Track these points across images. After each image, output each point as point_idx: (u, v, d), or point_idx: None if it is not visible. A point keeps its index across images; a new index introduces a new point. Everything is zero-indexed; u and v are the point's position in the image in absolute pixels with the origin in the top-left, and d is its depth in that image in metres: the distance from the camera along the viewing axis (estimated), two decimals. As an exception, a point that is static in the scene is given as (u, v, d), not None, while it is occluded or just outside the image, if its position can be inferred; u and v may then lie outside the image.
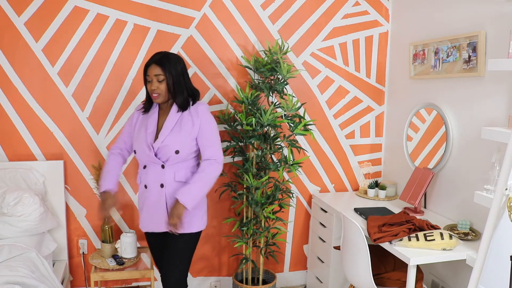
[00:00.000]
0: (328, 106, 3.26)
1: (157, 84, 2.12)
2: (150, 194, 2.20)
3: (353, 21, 3.21)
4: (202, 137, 2.19)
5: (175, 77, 2.13)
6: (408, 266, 2.08)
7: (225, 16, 2.98)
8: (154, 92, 2.13)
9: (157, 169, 2.18)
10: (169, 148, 2.14)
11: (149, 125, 2.20)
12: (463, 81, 2.53)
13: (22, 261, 2.18)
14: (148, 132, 2.18)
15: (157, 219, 2.20)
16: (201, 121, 2.18)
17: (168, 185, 2.17)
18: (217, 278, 3.23)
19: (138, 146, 2.21)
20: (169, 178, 2.17)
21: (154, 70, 2.11)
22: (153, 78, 2.12)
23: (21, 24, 2.71)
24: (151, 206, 2.21)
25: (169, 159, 2.15)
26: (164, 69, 2.11)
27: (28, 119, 2.80)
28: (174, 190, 2.16)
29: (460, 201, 2.57)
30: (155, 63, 2.11)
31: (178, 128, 2.16)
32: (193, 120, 2.17)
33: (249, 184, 2.73)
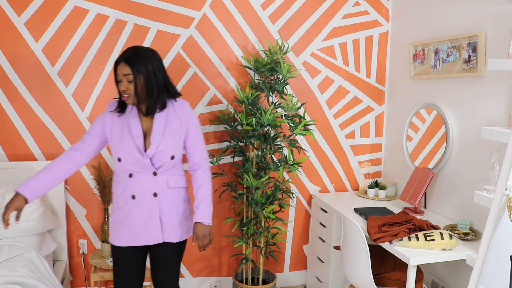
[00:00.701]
0: (328, 106, 3.26)
1: (126, 85, 1.90)
2: (139, 205, 1.98)
3: (353, 21, 3.21)
4: (191, 139, 2.06)
5: (145, 76, 1.90)
6: (408, 266, 2.08)
7: (225, 16, 2.98)
8: (124, 93, 1.91)
9: (148, 177, 1.98)
10: (164, 153, 1.96)
11: (133, 128, 1.96)
12: (463, 81, 2.53)
13: (22, 261, 2.18)
14: (134, 136, 1.95)
15: (148, 231, 2.00)
16: (188, 121, 2.03)
17: (161, 193, 2.00)
18: (217, 278, 3.23)
19: (126, 153, 1.96)
20: (162, 186, 2.00)
21: (123, 69, 1.89)
22: (123, 78, 1.89)
23: (21, 24, 2.71)
24: (141, 218, 1.99)
25: (163, 165, 1.99)
26: (133, 69, 1.88)
27: (28, 119, 2.80)
28: (168, 198, 2.02)
29: (460, 201, 2.57)
30: (124, 62, 1.89)
31: (169, 130, 1.98)
32: (181, 121, 2.01)
33: (249, 184, 2.73)
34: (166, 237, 2.03)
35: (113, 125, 2.01)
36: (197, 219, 2.03)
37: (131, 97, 1.92)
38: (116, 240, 2.03)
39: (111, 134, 2.01)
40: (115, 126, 2.00)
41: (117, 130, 1.99)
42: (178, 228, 2.05)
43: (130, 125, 1.97)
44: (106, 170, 2.89)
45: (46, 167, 1.95)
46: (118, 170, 2.04)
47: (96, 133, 2.04)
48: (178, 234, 2.05)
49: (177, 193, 2.06)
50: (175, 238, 2.04)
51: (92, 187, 2.92)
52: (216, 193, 3.07)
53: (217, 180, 3.09)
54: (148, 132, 2.00)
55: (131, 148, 1.95)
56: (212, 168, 3.08)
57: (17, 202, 1.83)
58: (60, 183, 2.03)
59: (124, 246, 2.03)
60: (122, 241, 2.02)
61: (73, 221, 2.95)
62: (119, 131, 1.98)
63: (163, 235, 2.02)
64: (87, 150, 2.03)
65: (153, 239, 2.02)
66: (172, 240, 2.04)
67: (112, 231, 2.07)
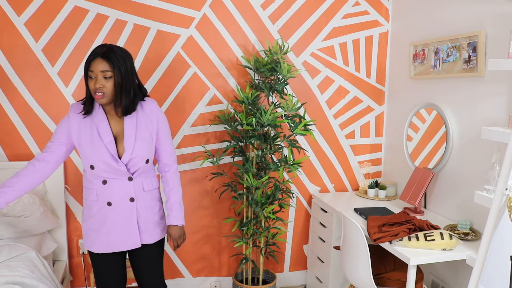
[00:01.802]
0: (328, 106, 3.26)
1: (103, 82, 1.79)
2: (115, 211, 1.93)
3: (353, 21, 3.21)
4: (161, 141, 2.01)
5: (123, 74, 1.82)
6: (408, 266, 2.08)
7: (225, 16, 2.98)
8: (98, 91, 1.79)
9: (124, 183, 1.92)
10: (139, 158, 1.91)
11: (103, 133, 1.87)
12: (463, 81, 2.53)
13: (22, 261, 2.18)
14: (106, 142, 1.87)
15: (125, 236, 1.96)
16: (158, 122, 1.97)
17: (138, 197, 1.96)
18: (217, 278, 3.23)
19: (99, 160, 1.86)
20: (138, 190, 1.96)
21: (100, 65, 1.79)
22: (99, 74, 1.79)
23: (21, 24, 2.71)
24: (118, 224, 1.94)
25: (138, 169, 1.93)
26: (112, 65, 1.79)
27: (28, 119, 2.79)
28: (144, 201, 1.98)
29: (460, 201, 2.57)
30: (101, 57, 1.79)
31: (140, 133, 1.91)
32: (151, 122, 1.95)
33: (249, 184, 2.73)
34: (144, 239, 2.00)
35: (80, 130, 1.89)
36: (171, 221, 2.06)
37: (106, 96, 1.81)
38: (92, 247, 1.99)
39: (79, 141, 1.90)
40: (83, 131, 1.89)
41: (85, 136, 1.88)
42: (155, 228, 2.04)
43: (100, 130, 1.87)
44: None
45: (10, 180, 1.86)
46: (89, 176, 1.95)
47: (62, 141, 1.93)
48: (155, 234, 2.04)
49: (152, 194, 2.04)
50: (153, 239, 2.03)
51: (92, 187, 2.92)
52: (216, 193, 3.07)
53: (217, 180, 3.09)
54: (119, 136, 1.92)
55: (104, 155, 1.86)
56: (212, 168, 3.08)
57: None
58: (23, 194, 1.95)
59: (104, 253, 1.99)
60: (98, 248, 1.97)
61: (73, 221, 2.95)
62: (88, 137, 1.88)
63: (140, 238, 1.99)
64: (53, 160, 1.93)
65: (131, 244, 1.98)
66: (150, 242, 2.02)
67: (86, 238, 2.00)
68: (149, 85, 2.92)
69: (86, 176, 1.97)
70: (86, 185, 1.98)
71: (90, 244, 1.99)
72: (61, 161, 1.98)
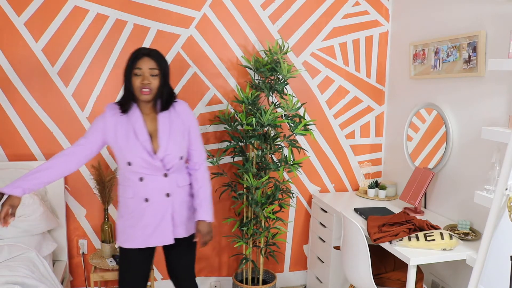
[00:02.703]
0: (328, 106, 3.26)
1: (151, 79, 1.92)
2: (153, 207, 2.00)
3: (353, 21, 3.21)
4: (192, 140, 2.10)
5: (165, 75, 1.98)
6: (408, 266, 2.08)
7: (225, 16, 2.98)
8: (146, 87, 1.91)
9: (159, 179, 2.00)
10: (173, 155, 1.99)
11: (139, 131, 1.96)
12: (463, 81, 2.53)
13: (22, 261, 2.18)
14: (142, 139, 1.95)
15: (160, 231, 2.03)
16: (190, 122, 2.07)
17: (173, 193, 2.03)
18: (217, 278, 3.23)
19: (135, 156, 1.94)
20: (173, 186, 2.04)
21: (148, 63, 1.92)
22: (147, 71, 1.91)
23: (21, 24, 2.71)
24: (154, 219, 2.02)
25: (173, 166, 2.01)
26: (159, 64, 1.94)
27: (28, 119, 2.79)
28: (179, 197, 2.06)
29: (460, 201, 2.57)
30: (149, 56, 1.93)
31: (174, 131, 2.01)
32: (183, 121, 2.05)
33: (249, 184, 2.73)
34: (178, 233, 2.08)
35: (117, 128, 1.97)
36: (201, 217, 2.09)
37: (152, 93, 1.93)
38: (126, 243, 2.04)
39: (115, 138, 1.97)
40: (119, 130, 1.97)
41: (122, 134, 1.96)
42: (189, 222, 2.12)
43: (136, 128, 1.96)
44: (106, 170, 2.89)
45: (40, 168, 1.92)
46: (126, 174, 2.00)
47: (96, 139, 2.00)
48: (189, 228, 2.12)
49: (185, 190, 2.11)
50: (186, 233, 2.11)
51: (92, 187, 2.92)
52: (216, 193, 3.07)
53: (217, 180, 3.09)
54: (154, 134, 2.01)
55: (141, 151, 1.95)
56: (212, 168, 3.08)
57: (10, 199, 1.85)
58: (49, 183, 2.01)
59: (136, 248, 2.04)
60: (134, 244, 2.03)
61: (73, 221, 2.95)
62: (125, 135, 1.96)
63: (175, 232, 2.07)
64: (82, 154, 1.99)
65: (165, 240, 2.05)
66: (184, 235, 2.10)
67: (121, 235, 2.06)
68: (149, 85, 2.92)
69: (122, 173, 2.04)
70: (122, 182, 2.05)
71: (124, 240, 2.05)
72: (89, 158, 2.03)
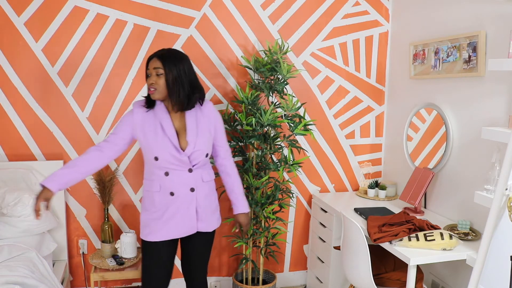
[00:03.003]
0: (328, 106, 3.26)
1: (155, 78, 1.99)
2: (177, 200, 2.07)
3: (353, 21, 3.21)
4: (218, 137, 2.19)
5: (175, 74, 2.00)
6: (408, 266, 2.08)
7: (225, 16, 2.98)
8: (151, 86, 2.00)
9: (185, 174, 2.07)
10: (201, 152, 2.06)
11: (166, 127, 2.03)
12: (463, 81, 2.53)
13: (22, 261, 2.18)
14: (169, 135, 2.02)
15: (184, 224, 2.10)
16: (215, 120, 2.16)
17: (198, 187, 2.10)
18: (217, 278, 3.23)
19: (163, 152, 2.01)
20: (198, 181, 2.10)
21: (154, 63, 2.00)
22: (152, 71, 2.00)
23: (21, 24, 2.71)
24: (179, 212, 2.08)
25: (199, 162, 2.08)
26: (164, 64, 1.99)
27: (28, 119, 2.79)
28: (203, 191, 2.13)
29: (460, 201, 2.57)
30: (156, 57, 2.01)
31: (201, 129, 2.08)
32: (209, 120, 2.13)
33: (249, 184, 2.73)
34: (201, 227, 2.14)
35: (144, 124, 2.05)
36: (240, 210, 2.24)
37: (157, 92, 2.00)
38: (150, 236, 2.09)
39: (143, 134, 2.04)
40: (147, 125, 2.04)
41: (149, 130, 2.03)
42: (212, 217, 2.19)
43: (163, 124, 2.03)
44: (106, 170, 2.89)
45: (71, 164, 2.00)
46: (152, 168, 2.07)
47: (124, 134, 2.07)
48: (211, 223, 2.19)
49: (210, 185, 2.19)
50: (210, 227, 2.18)
51: (92, 187, 2.92)
52: (216, 193, 3.07)
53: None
54: (181, 131, 2.07)
55: (168, 147, 2.01)
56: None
57: (45, 193, 1.91)
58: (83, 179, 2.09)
59: (159, 241, 2.09)
60: (157, 236, 2.08)
61: (73, 221, 2.95)
62: (152, 130, 2.03)
63: (197, 226, 2.13)
64: (113, 150, 2.07)
65: (188, 231, 2.11)
66: (207, 230, 2.17)
67: (145, 228, 2.12)
68: (149, 85, 2.92)
69: (149, 168, 2.10)
70: (148, 177, 2.10)
71: (147, 233, 2.10)
72: (119, 154, 2.10)
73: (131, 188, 3.01)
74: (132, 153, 2.97)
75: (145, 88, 2.91)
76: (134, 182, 3.00)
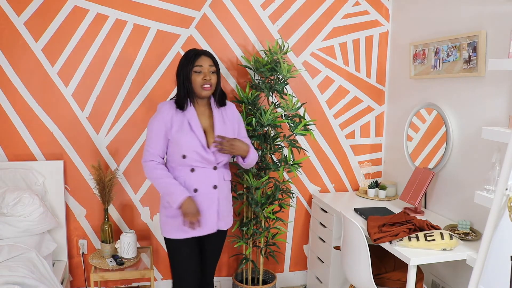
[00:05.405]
0: (328, 106, 3.26)
1: (211, 76, 2.10)
2: (200, 197, 2.12)
3: (353, 21, 3.21)
4: (241, 136, 2.27)
5: (219, 75, 2.17)
6: (408, 266, 2.07)
7: (225, 16, 2.98)
8: (208, 83, 2.08)
9: (209, 172, 2.14)
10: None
11: (195, 126, 2.10)
12: (463, 81, 2.53)
13: (22, 261, 2.18)
14: (198, 134, 2.10)
15: (206, 221, 2.14)
16: (239, 120, 2.27)
17: (220, 185, 2.17)
18: (217, 278, 3.23)
19: (190, 150, 2.08)
20: (220, 179, 2.18)
21: (208, 61, 2.10)
22: (207, 68, 2.09)
23: (21, 24, 2.71)
24: (202, 210, 2.12)
25: (223, 160, 2.17)
26: (215, 63, 2.13)
27: (28, 119, 2.79)
28: (224, 190, 2.21)
29: (460, 201, 2.57)
30: (205, 55, 2.11)
31: (227, 129, 2.18)
32: (233, 119, 2.23)
33: (249, 184, 2.73)
34: (220, 225, 2.21)
35: (173, 123, 2.11)
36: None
37: (212, 88, 2.11)
38: (173, 233, 2.14)
39: (172, 133, 2.11)
40: (175, 125, 2.11)
41: (178, 129, 2.10)
42: (228, 216, 2.27)
43: (192, 123, 2.10)
44: (106, 170, 2.89)
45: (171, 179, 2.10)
46: (178, 165, 2.13)
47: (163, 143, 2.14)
48: (228, 221, 2.26)
49: (228, 185, 2.27)
50: (226, 226, 2.26)
51: (92, 187, 2.91)
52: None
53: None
54: (208, 129, 2.16)
55: (196, 145, 2.08)
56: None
57: (193, 204, 2.06)
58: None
59: (183, 239, 2.14)
60: (181, 234, 2.13)
61: (73, 221, 2.94)
62: (180, 130, 2.10)
63: (218, 224, 2.19)
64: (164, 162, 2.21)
65: (210, 229, 2.17)
66: (224, 228, 2.24)
67: (165, 225, 2.17)
68: (149, 85, 2.92)
69: (173, 166, 2.15)
70: (172, 173, 2.15)
71: (168, 230, 2.16)
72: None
73: (131, 188, 3.00)
74: (132, 153, 2.97)
75: (143, 90, 2.92)
76: (134, 182, 3.00)
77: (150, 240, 3.08)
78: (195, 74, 2.08)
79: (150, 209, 3.06)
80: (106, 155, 2.93)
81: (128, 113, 2.92)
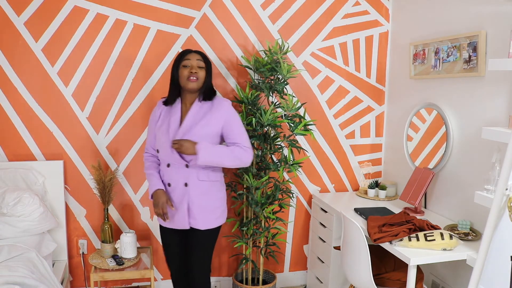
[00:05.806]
0: (328, 106, 3.26)
1: (198, 69, 2.16)
2: (173, 192, 2.23)
3: (353, 21, 3.21)
4: (229, 132, 2.22)
5: (209, 72, 2.22)
6: (408, 266, 2.07)
7: (225, 16, 2.98)
8: (194, 75, 2.14)
9: (182, 169, 2.19)
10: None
11: (172, 122, 2.19)
12: (463, 81, 2.53)
13: (22, 261, 2.18)
14: (170, 129, 2.18)
15: (178, 216, 2.23)
16: (227, 115, 2.20)
17: (192, 184, 2.19)
18: (217, 278, 3.23)
19: (161, 145, 2.22)
20: (193, 178, 2.19)
21: (196, 56, 2.18)
22: (195, 63, 2.16)
23: (21, 24, 2.70)
24: (175, 204, 2.23)
25: (191, 159, 2.15)
26: (204, 59, 2.20)
27: (28, 119, 2.79)
28: (199, 189, 2.20)
29: (460, 201, 2.57)
30: (195, 52, 2.20)
31: (201, 126, 2.16)
32: (220, 117, 2.19)
33: (249, 184, 2.73)
34: (194, 224, 2.23)
35: (160, 117, 2.26)
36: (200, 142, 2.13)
37: (198, 81, 2.17)
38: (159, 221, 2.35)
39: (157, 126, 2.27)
40: (161, 119, 2.25)
41: (161, 123, 2.24)
42: (208, 216, 2.24)
43: (171, 119, 2.20)
44: (106, 170, 2.89)
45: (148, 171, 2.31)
46: (160, 159, 2.29)
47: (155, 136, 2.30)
48: (207, 221, 2.24)
49: (208, 185, 2.23)
50: (204, 226, 2.24)
51: (92, 187, 2.91)
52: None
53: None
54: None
55: (165, 140, 2.18)
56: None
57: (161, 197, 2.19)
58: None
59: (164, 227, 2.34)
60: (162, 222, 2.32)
61: (73, 221, 2.94)
62: (161, 125, 2.23)
63: (189, 222, 2.22)
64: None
65: (180, 225, 2.24)
66: (200, 227, 2.23)
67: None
68: (149, 85, 2.92)
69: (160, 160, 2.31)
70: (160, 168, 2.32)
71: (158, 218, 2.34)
72: None
73: (131, 188, 3.00)
74: (132, 153, 2.97)
75: (143, 90, 2.92)
76: (134, 182, 3.00)
77: (150, 240, 3.09)
78: (183, 68, 2.17)
79: (150, 209, 3.06)
80: (106, 155, 2.93)
81: (128, 113, 2.92)
